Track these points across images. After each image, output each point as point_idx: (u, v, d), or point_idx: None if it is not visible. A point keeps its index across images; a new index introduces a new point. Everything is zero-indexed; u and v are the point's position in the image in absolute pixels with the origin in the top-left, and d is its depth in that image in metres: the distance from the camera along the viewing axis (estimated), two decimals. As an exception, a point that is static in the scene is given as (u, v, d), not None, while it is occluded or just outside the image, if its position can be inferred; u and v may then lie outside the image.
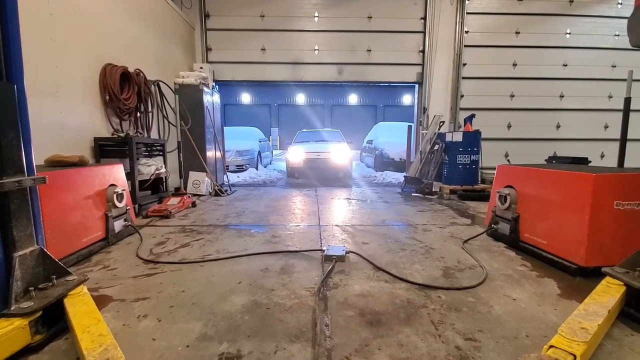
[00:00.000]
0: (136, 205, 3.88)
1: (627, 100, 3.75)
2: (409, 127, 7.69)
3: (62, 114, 3.29)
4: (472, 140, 5.82)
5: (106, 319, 1.53)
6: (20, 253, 1.48)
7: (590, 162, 5.24)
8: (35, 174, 1.60)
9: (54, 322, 1.47)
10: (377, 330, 1.54)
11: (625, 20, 2.04)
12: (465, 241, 2.92)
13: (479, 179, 6.02)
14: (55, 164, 2.59)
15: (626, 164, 3.93)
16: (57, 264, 1.63)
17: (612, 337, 1.48)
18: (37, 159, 2.01)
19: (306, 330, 1.53)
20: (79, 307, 1.46)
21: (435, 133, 6.37)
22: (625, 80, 3.84)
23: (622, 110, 3.82)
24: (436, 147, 6.29)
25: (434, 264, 2.39)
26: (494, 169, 3.32)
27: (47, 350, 1.40)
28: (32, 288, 1.46)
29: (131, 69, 4.32)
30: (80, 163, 2.73)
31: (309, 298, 1.85)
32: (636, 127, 6.85)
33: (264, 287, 1.98)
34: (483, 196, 5.13)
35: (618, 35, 7.29)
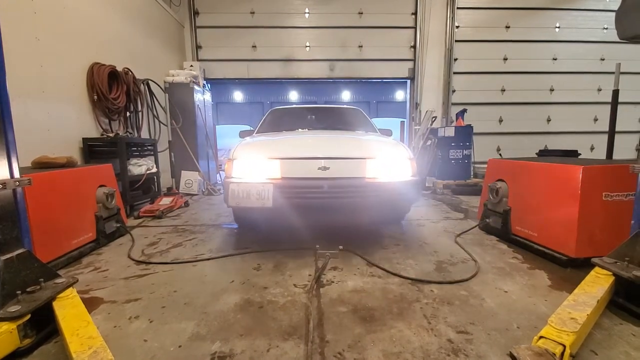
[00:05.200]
0: (127, 206, 3.84)
1: (615, 93, 3.79)
2: (402, 123, 7.71)
3: (48, 114, 3.23)
4: (464, 135, 5.86)
5: (97, 321, 1.51)
6: (6, 256, 1.46)
7: (580, 154, 5.31)
8: (20, 175, 1.57)
9: (43, 325, 1.45)
10: (370, 325, 1.54)
11: (613, 14, 2.05)
12: (458, 235, 2.94)
13: (472, 174, 6.07)
14: (43, 165, 2.54)
15: (615, 156, 3.99)
16: (45, 267, 1.61)
17: (602, 327, 1.50)
18: (24, 161, 1.99)
19: (299, 327, 1.53)
20: (68, 309, 1.44)
21: (427, 128, 6.39)
22: (613, 73, 3.88)
23: (611, 102, 3.87)
24: (429, 142, 6.32)
25: (427, 259, 2.40)
26: (486, 163, 3.35)
27: (37, 354, 1.38)
28: (20, 291, 1.43)
29: (119, 68, 4.26)
30: (69, 164, 2.68)
31: (302, 295, 1.84)
32: (625, 120, 6.95)
33: (257, 286, 1.98)
34: (476, 190, 5.17)
35: (606, 29, 7.36)
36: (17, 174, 1.54)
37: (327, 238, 2.81)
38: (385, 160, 2.52)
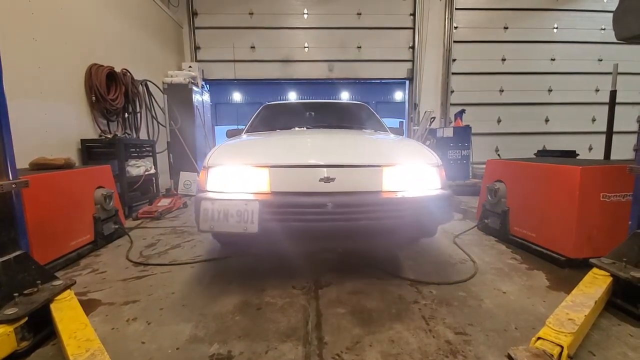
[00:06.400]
0: (126, 207, 3.83)
1: (613, 94, 3.80)
2: (401, 124, 7.72)
3: (46, 115, 3.23)
4: (463, 135, 5.88)
5: (94, 324, 1.51)
6: (4, 259, 1.45)
7: (578, 155, 5.31)
8: (18, 177, 1.56)
9: (40, 327, 1.44)
10: (368, 327, 1.54)
11: (611, 14, 2.06)
12: (457, 236, 2.94)
13: (470, 174, 6.08)
14: (40, 166, 2.53)
15: (613, 156, 4.00)
16: (43, 269, 1.60)
17: (600, 327, 1.50)
18: (22, 162, 1.98)
19: (298, 329, 1.53)
20: (66, 312, 1.44)
21: (426, 129, 6.40)
22: (611, 73, 3.89)
23: (608, 103, 3.88)
24: (427, 143, 6.32)
25: (426, 259, 2.40)
26: (484, 163, 3.35)
27: (34, 357, 1.37)
28: (17, 294, 1.43)
29: (118, 69, 4.25)
30: (66, 165, 2.67)
31: (301, 297, 1.84)
32: (623, 120, 6.96)
33: (255, 287, 1.97)
34: (474, 191, 5.17)
35: (604, 29, 7.38)
36: (14, 176, 1.53)
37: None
38: (407, 168, 1.95)
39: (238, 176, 1.89)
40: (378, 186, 1.87)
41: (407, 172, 1.94)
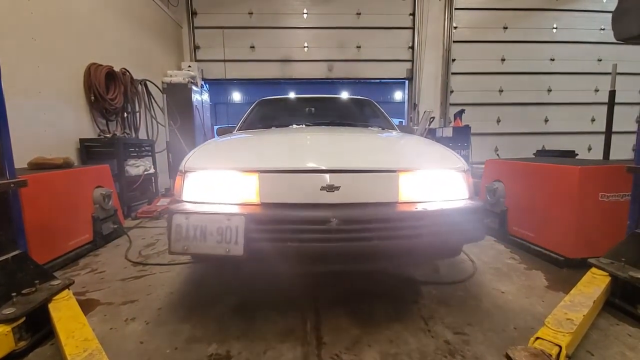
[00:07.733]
0: (125, 207, 3.82)
1: (612, 94, 3.81)
2: (400, 124, 7.72)
3: (45, 114, 3.22)
4: (462, 135, 5.88)
5: (93, 323, 1.51)
6: (1, 258, 1.45)
7: (577, 155, 5.32)
8: (16, 176, 1.56)
9: (38, 327, 1.44)
10: (367, 327, 1.53)
11: (610, 14, 2.05)
12: (456, 236, 2.94)
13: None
14: (39, 166, 2.53)
15: (612, 156, 4.00)
16: (41, 268, 1.60)
17: (598, 327, 1.50)
18: (20, 162, 1.98)
19: (296, 329, 1.53)
20: (64, 311, 1.43)
21: (425, 129, 6.40)
22: (610, 73, 3.89)
23: (607, 103, 3.88)
24: (427, 142, 6.32)
25: (425, 259, 2.40)
26: (483, 163, 3.35)
27: (32, 357, 1.37)
28: (15, 293, 1.42)
29: (117, 69, 4.24)
30: (65, 165, 2.67)
31: (300, 297, 1.84)
32: (622, 120, 6.97)
33: (253, 287, 1.97)
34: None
35: (603, 30, 7.39)
36: (12, 175, 1.53)
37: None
38: (428, 174, 1.60)
39: (220, 183, 1.55)
40: (393, 196, 1.52)
41: (428, 179, 1.59)
